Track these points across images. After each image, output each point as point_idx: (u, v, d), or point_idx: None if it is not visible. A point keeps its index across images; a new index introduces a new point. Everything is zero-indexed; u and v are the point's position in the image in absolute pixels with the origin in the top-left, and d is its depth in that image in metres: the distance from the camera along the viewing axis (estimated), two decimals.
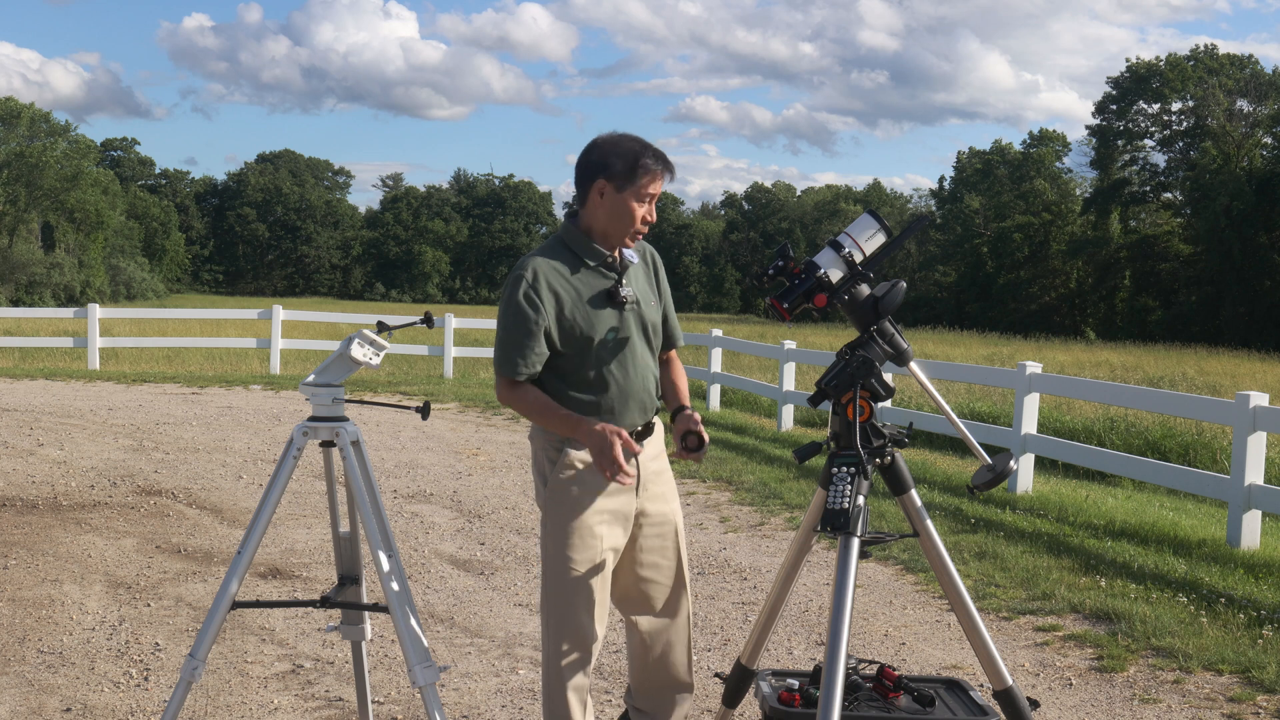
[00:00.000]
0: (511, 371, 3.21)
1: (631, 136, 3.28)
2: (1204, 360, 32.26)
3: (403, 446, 11.02)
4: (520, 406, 3.25)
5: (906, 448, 3.13)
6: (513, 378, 3.22)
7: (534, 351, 3.20)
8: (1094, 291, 67.41)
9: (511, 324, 3.19)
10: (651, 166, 3.22)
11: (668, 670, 3.53)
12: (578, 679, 3.27)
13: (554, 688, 3.28)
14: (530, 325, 3.17)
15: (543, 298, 3.18)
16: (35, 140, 68.03)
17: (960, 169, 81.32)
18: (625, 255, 3.31)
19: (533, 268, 3.20)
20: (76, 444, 10.47)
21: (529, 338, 3.18)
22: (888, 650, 5.28)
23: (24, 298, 60.55)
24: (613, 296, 3.26)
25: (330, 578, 6.06)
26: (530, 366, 3.21)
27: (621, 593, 3.48)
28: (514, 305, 3.18)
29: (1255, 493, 7.36)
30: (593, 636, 3.27)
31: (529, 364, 3.20)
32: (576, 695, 3.28)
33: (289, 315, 19.24)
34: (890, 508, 7.73)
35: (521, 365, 3.20)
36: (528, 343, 3.18)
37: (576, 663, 3.27)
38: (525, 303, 3.17)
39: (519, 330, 3.18)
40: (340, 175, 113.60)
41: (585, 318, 3.23)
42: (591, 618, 3.27)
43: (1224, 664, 5.03)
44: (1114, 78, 69.06)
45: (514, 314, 3.18)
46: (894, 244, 3.10)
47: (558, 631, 3.27)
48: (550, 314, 3.19)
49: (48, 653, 4.91)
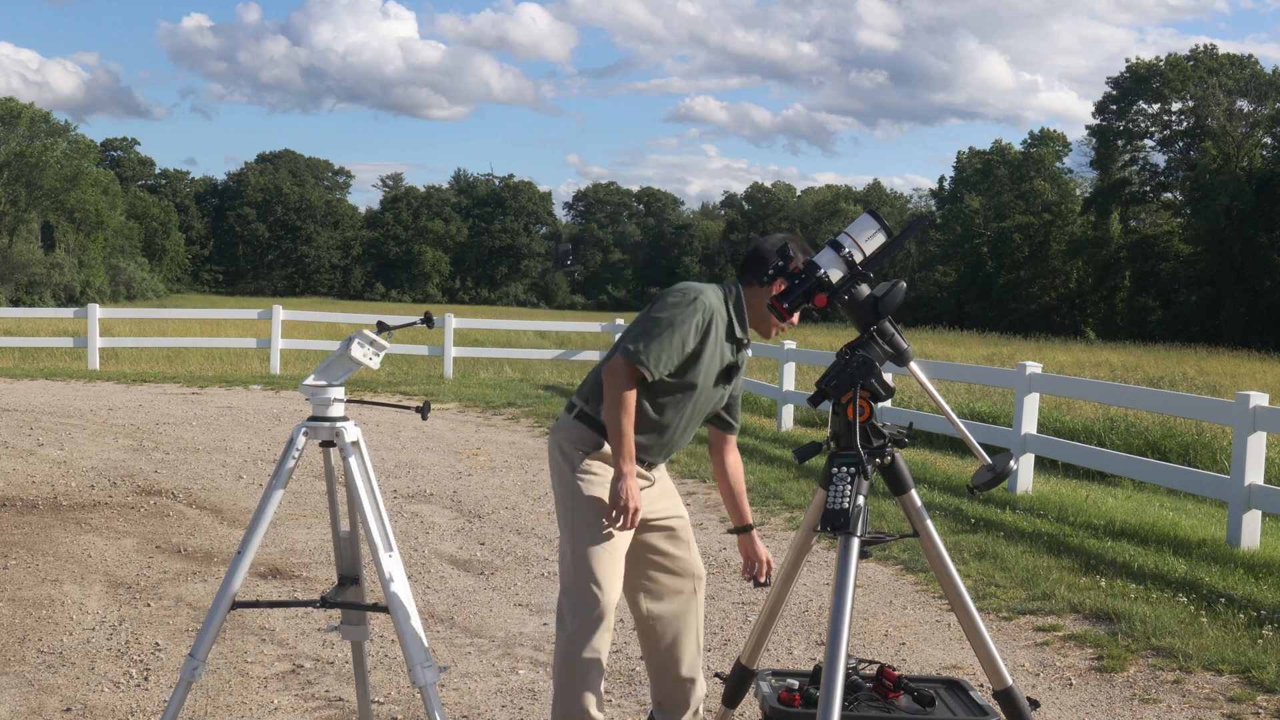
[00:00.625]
0: (649, 365, 3.37)
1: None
2: (1204, 360, 32.26)
3: (403, 446, 11.02)
4: (617, 394, 3.38)
5: (906, 448, 3.13)
6: (644, 371, 3.37)
7: (671, 363, 3.40)
8: (1094, 291, 67.41)
9: (674, 332, 3.38)
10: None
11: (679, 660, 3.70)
12: (600, 639, 3.42)
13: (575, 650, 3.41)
14: (685, 343, 3.40)
15: (702, 333, 3.42)
16: (35, 140, 68.00)
17: (960, 169, 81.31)
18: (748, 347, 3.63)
19: (715, 308, 3.45)
20: (76, 444, 10.47)
21: (679, 351, 3.39)
22: (888, 650, 5.28)
23: (24, 298, 60.54)
24: (729, 374, 3.56)
25: (330, 578, 6.06)
26: (660, 371, 3.39)
27: (633, 587, 3.67)
28: (687, 319, 3.38)
29: (1255, 493, 7.36)
30: (613, 601, 3.44)
31: (661, 368, 3.38)
32: (601, 656, 3.43)
33: (289, 315, 19.24)
34: (890, 508, 7.73)
35: (658, 366, 3.38)
36: (675, 354, 3.39)
37: (599, 624, 3.41)
38: (694, 326, 3.39)
39: (676, 341, 3.38)
40: (340, 175, 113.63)
41: (705, 376, 3.48)
42: (615, 584, 3.45)
43: (1224, 664, 5.03)
44: (1114, 78, 69.13)
45: (682, 326, 3.38)
46: (894, 244, 3.10)
47: (585, 598, 3.41)
48: (693, 349, 3.42)
49: (48, 653, 4.91)
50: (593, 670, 3.43)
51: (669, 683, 3.73)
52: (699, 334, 3.40)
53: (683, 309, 3.39)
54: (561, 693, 3.45)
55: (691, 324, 3.39)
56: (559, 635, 3.47)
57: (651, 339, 3.37)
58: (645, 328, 3.40)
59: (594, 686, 3.43)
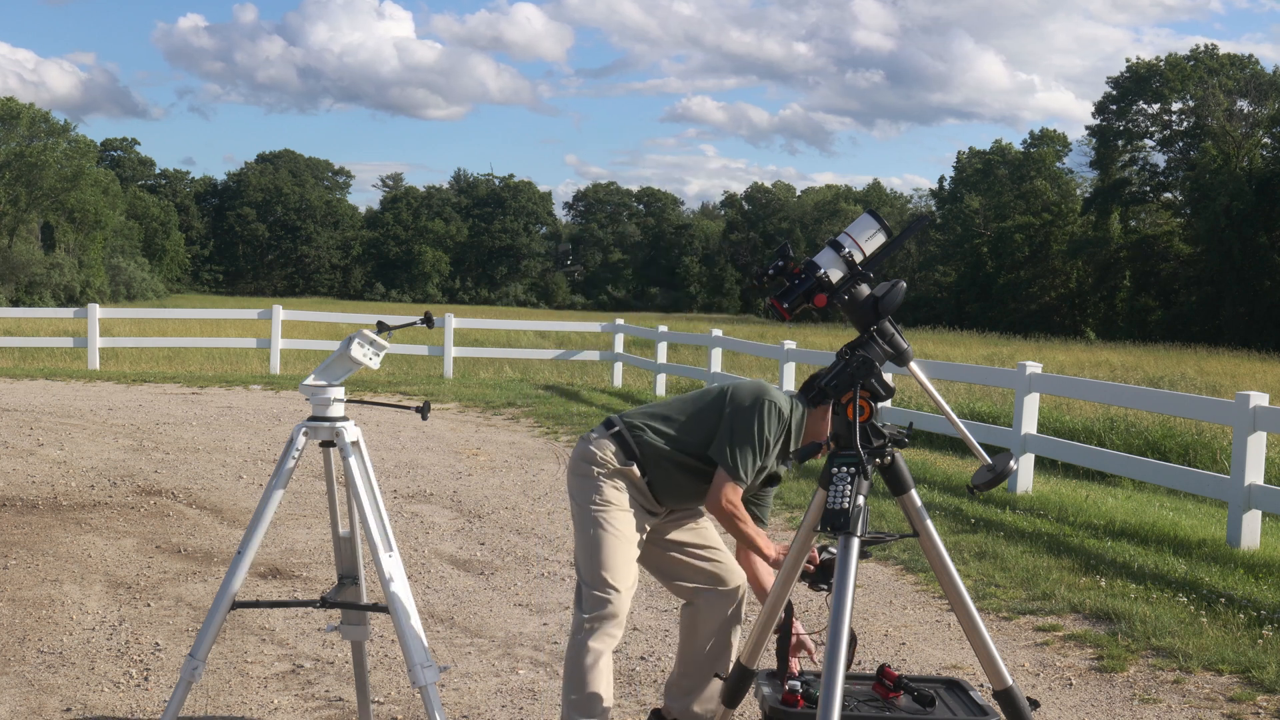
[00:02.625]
0: (744, 482, 3.55)
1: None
2: (1204, 360, 32.26)
3: (403, 446, 11.02)
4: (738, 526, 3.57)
5: (906, 448, 3.13)
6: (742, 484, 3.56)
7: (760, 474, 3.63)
8: (1094, 291, 67.39)
9: (768, 441, 3.56)
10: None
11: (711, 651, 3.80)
12: (616, 628, 3.58)
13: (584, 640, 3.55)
14: (769, 454, 3.58)
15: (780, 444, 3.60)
16: (35, 140, 67.99)
17: (960, 169, 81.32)
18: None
19: (793, 413, 3.62)
20: (76, 444, 10.47)
21: (766, 459, 3.59)
22: (888, 650, 5.28)
23: (24, 298, 60.53)
24: (772, 481, 3.74)
25: (330, 578, 6.06)
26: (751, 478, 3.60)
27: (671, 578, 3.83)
28: (777, 430, 3.56)
29: (1255, 493, 7.36)
30: (629, 589, 3.59)
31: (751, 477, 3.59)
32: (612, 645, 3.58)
33: (289, 315, 19.24)
34: (890, 508, 7.72)
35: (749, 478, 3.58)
36: (764, 462, 3.58)
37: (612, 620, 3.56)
38: (776, 439, 3.57)
39: (764, 453, 3.57)
40: (340, 175, 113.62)
41: (761, 480, 3.68)
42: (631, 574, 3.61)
43: (1224, 664, 5.03)
44: (1114, 78, 69.13)
45: (771, 434, 3.56)
46: (894, 244, 3.10)
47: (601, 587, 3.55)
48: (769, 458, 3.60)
49: (48, 653, 4.91)
50: (602, 660, 3.55)
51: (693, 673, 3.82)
52: (777, 441, 3.60)
53: (779, 425, 3.58)
54: (572, 681, 3.58)
55: (777, 437, 3.59)
56: (573, 623, 3.63)
57: (752, 458, 3.55)
58: (742, 444, 3.55)
59: (604, 676, 3.56)
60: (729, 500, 3.53)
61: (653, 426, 3.67)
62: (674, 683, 3.89)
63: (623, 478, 3.66)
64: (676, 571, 3.81)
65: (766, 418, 3.54)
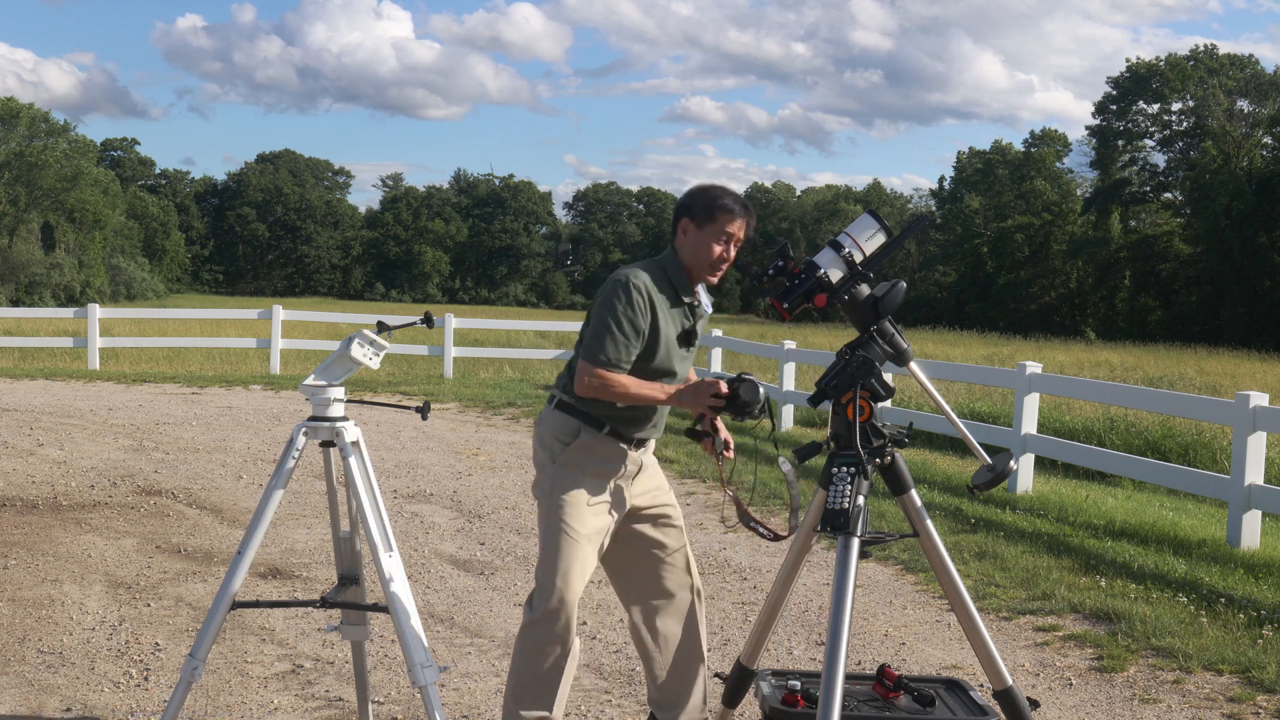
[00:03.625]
0: (610, 364, 3.42)
1: (718, 185, 3.58)
2: (1204, 360, 32.25)
3: (403, 446, 11.02)
4: (608, 393, 3.45)
5: (906, 448, 3.14)
6: (607, 369, 3.42)
7: (632, 352, 3.44)
8: (1094, 291, 67.39)
9: (623, 320, 3.41)
10: (730, 207, 3.49)
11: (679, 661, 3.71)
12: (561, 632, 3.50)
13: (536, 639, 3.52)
14: (638, 326, 3.44)
15: (647, 309, 3.46)
16: (35, 140, 67.99)
17: (960, 169, 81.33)
18: (704, 303, 3.62)
19: (645, 282, 3.47)
20: (76, 444, 10.47)
21: (635, 337, 3.43)
22: (888, 650, 5.28)
23: (24, 298, 60.52)
24: (689, 338, 3.60)
25: (330, 578, 6.06)
26: (624, 361, 3.43)
27: (626, 580, 3.71)
28: (628, 304, 3.42)
29: (1255, 493, 7.36)
30: (575, 596, 3.50)
31: (624, 360, 3.43)
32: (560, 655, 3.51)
33: (289, 315, 19.23)
34: (890, 508, 7.72)
35: (624, 360, 3.43)
36: (633, 342, 3.44)
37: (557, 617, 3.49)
38: (637, 306, 3.43)
39: (629, 328, 3.42)
40: (340, 175, 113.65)
41: (666, 346, 3.52)
42: (579, 579, 3.50)
43: (1224, 664, 5.03)
44: (1114, 78, 69.17)
45: (625, 312, 3.41)
46: (894, 244, 3.10)
47: (546, 590, 3.49)
48: (647, 327, 3.46)
49: (48, 653, 4.91)
50: (547, 660, 3.50)
51: (668, 685, 3.72)
52: (642, 312, 3.44)
53: (618, 300, 3.43)
54: (513, 680, 3.56)
55: (637, 311, 3.43)
56: (522, 621, 3.58)
57: (609, 340, 3.42)
58: (598, 330, 3.45)
59: (549, 678, 3.51)
60: (585, 384, 3.43)
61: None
62: (656, 697, 3.77)
63: (580, 449, 3.53)
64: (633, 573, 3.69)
65: (615, 299, 3.42)
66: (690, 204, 3.54)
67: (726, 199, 3.50)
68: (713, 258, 3.49)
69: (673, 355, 3.54)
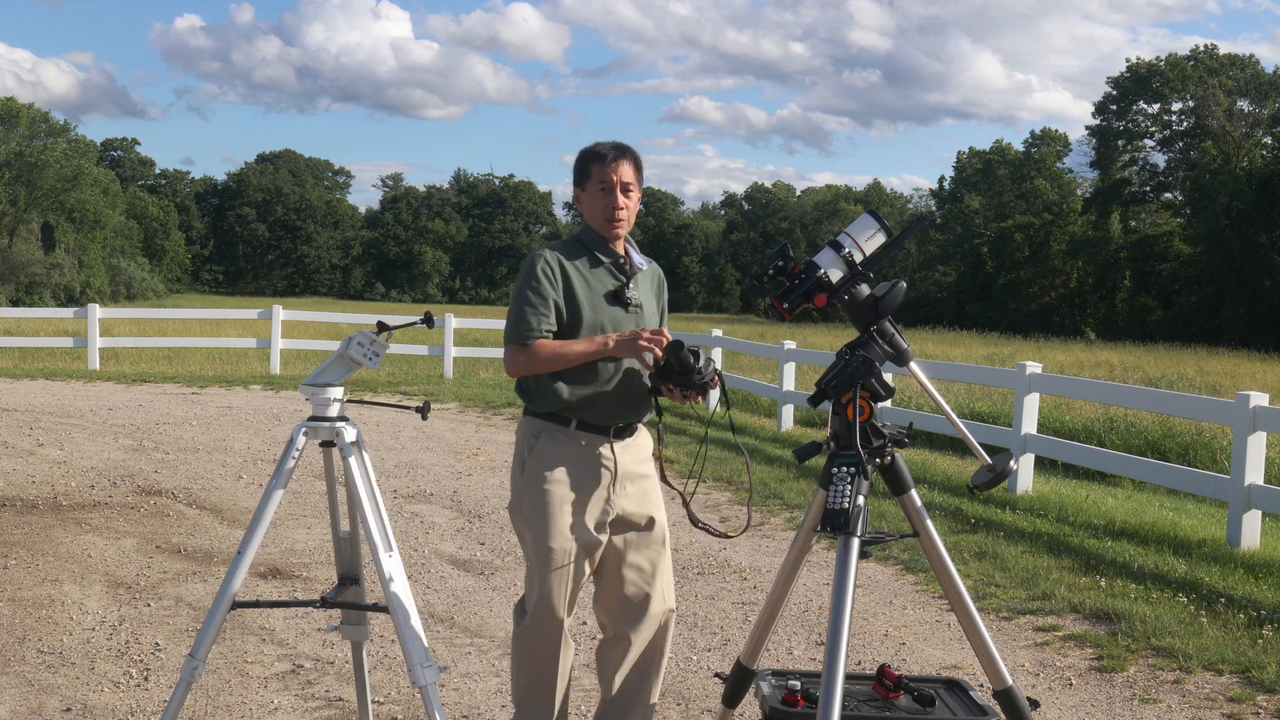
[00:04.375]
0: (525, 335, 3.38)
1: (594, 142, 3.60)
2: (1204, 360, 32.25)
3: (403, 446, 11.02)
4: (536, 364, 3.39)
5: (906, 448, 3.13)
6: (524, 341, 3.38)
7: (546, 319, 3.38)
8: (1094, 291, 67.38)
9: (527, 293, 3.40)
10: (599, 153, 3.51)
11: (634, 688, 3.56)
12: (549, 642, 3.44)
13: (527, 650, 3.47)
14: (544, 293, 3.39)
15: (556, 276, 3.42)
16: (35, 140, 67.99)
17: (960, 169, 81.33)
18: (635, 261, 3.57)
19: (548, 253, 3.48)
20: (76, 444, 10.47)
21: (543, 304, 3.39)
22: (888, 650, 5.28)
23: (24, 298, 60.52)
24: (619, 296, 3.49)
25: (330, 578, 6.06)
26: (539, 329, 3.38)
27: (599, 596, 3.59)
28: (531, 277, 3.41)
29: (1255, 493, 7.36)
30: (559, 610, 3.42)
31: (539, 328, 3.37)
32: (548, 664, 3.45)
33: (289, 315, 19.24)
34: (890, 508, 7.72)
35: (539, 327, 3.37)
36: (542, 309, 3.38)
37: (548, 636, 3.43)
38: (542, 275, 3.41)
39: (535, 297, 3.39)
40: (340, 175, 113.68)
41: (592, 306, 3.44)
42: (560, 597, 3.42)
43: (1224, 664, 5.03)
44: (1114, 78, 69.17)
45: (529, 285, 3.40)
46: (894, 244, 3.10)
47: (529, 606, 3.45)
48: (561, 292, 3.41)
49: (48, 653, 4.91)
50: (541, 669, 3.47)
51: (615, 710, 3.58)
52: (549, 278, 3.42)
53: (523, 276, 3.46)
54: (513, 687, 3.57)
55: (542, 279, 3.42)
56: (512, 633, 3.56)
57: (516, 314, 3.42)
58: (511, 311, 3.46)
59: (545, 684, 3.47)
60: (512, 361, 3.39)
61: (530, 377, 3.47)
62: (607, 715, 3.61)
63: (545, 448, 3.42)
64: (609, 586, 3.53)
65: (522, 279, 3.44)
66: (574, 172, 3.59)
67: (595, 149, 3.53)
68: (605, 209, 3.49)
69: (602, 313, 3.43)
